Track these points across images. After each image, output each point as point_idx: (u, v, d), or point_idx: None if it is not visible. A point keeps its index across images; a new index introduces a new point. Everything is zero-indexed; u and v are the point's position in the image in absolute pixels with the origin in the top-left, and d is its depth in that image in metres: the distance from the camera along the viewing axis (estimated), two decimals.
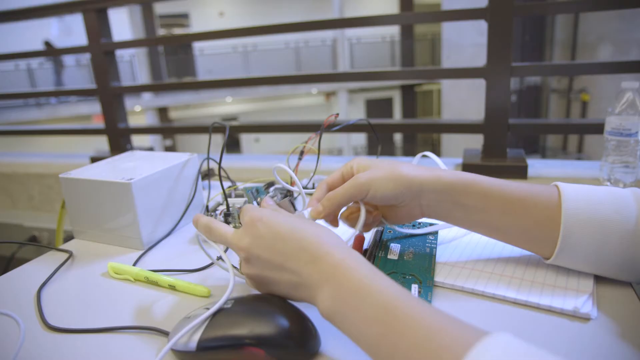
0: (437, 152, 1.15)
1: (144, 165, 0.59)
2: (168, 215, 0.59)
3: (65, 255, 0.55)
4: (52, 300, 0.46)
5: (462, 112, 5.42)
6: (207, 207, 0.61)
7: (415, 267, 0.45)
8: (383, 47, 10.40)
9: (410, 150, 10.66)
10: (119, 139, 1.42)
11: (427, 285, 0.42)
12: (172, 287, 0.46)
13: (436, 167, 0.43)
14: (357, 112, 11.17)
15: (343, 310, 0.31)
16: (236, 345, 0.34)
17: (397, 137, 11.16)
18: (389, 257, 0.47)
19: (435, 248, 0.48)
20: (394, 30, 10.88)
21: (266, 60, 9.74)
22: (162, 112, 10.38)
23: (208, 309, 0.37)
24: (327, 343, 0.36)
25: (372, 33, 10.21)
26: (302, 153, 0.64)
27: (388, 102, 11.72)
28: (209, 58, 9.74)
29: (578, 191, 0.40)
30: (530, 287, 0.41)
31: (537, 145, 7.12)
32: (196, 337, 0.35)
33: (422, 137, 10.97)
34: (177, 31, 10.49)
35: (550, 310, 0.38)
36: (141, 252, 0.55)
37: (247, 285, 0.41)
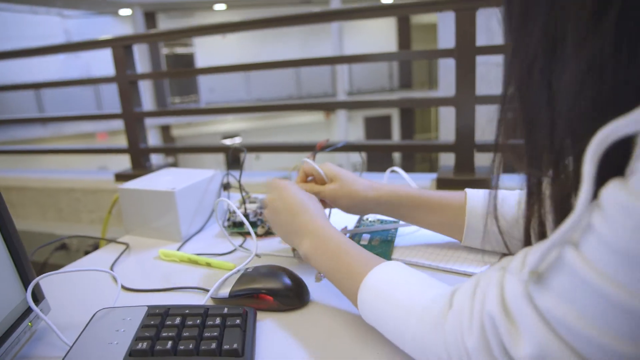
0: (435, 168, 1.35)
1: (179, 179, 0.78)
2: (199, 216, 0.78)
3: (124, 247, 0.74)
4: (122, 273, 0.64)
5: None
6: (228, 210, 0.80)
7: (379, 249, 0.64)
8: (381, 64, 10.65)
9: (408, 166, 10.88)
10: (140, 158, 1.61)
11: None
12: (208, 264, 0.64)
13: (383, 187, 0.63)
14: (356, 130, 11.40)
15: (315, 252, 0.52)
16: (254, 293, 0.52)
17: (396, 155, 11.36)
18: (361, 243, 0.66)
19: (395, 237, 0.67)
20: (391, 48, 11.18)
21: (267, 77, 10.01)
22: (165, 129, 10.62)
23: (238, 271, 0.56)
24: (315, 297, 0.54)
25: (371, 51, 10.47)
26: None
27: (387, 119, 11.95)
28: (211, 76, 10.01)
29: (478, 194, 0.59)
30: (455, 260, 0.60)
31: None
32: (228, 289, 0.53)
33: (420, 154, 11.16)
34: (180, 50, 10.80)
35: (464, 274, 0.57)
36: (180, 243, 0.74)
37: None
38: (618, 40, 0.23)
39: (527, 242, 0.35)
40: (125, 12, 9.83)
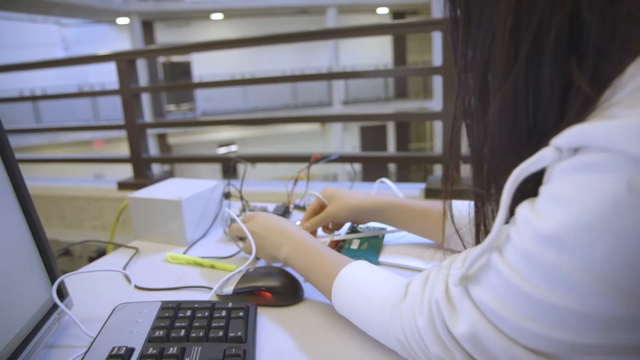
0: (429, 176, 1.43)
1: (184, 189, 0.85)
2: (203, 222, 0.84)
3: (133, 251, 0.80)
4: (133, 274, 0.71)
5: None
6: (229, 218, 0.87)
7: (367, 253, 0.71)
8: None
9: (403, 175, 11.02)
10: (142, 167, 1.68)
11: (373, 263, 0.68)
12: (212, 266, 0.71)
13: (375, 197, 0.71)
14: (352, 139, 11.51)
15: (293, 255, 0.60)
16: (255, 290, 0.59)
17: (392, 164, 11.45)
18: (351, 247, 0.73)
19: (382, 242, 0.74)
20: (387, 60, 11.34)
21: (263, 86, 10.10)
22: (161, 138, 10.68)
23: (240, 271, 0.62)
24: (308, 294, 0.61)
25: (367, 62, 10.62)
26: (296, 180, 0.90)
27: (382, 128, 12.08)
28: None
29: (458, 204, 0.66)
30: (436, 262, 0.66)
31: None
32: (231, 287, 0.60)
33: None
34: (176, 59, 10.90)
35: None
36: (186, 247, 0.80)
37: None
38: (528, 84, 0.30)
39: (478, 244, 0.42)
40: (122, 20, 9.92)
